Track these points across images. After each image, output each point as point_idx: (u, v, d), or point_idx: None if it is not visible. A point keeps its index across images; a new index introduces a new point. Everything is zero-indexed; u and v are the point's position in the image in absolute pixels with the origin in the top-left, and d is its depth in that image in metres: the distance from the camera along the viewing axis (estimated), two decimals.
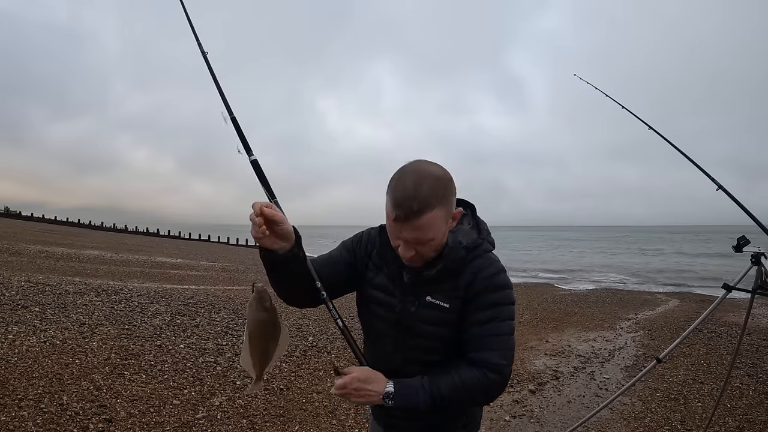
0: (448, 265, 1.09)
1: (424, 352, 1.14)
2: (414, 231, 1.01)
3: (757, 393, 4.03)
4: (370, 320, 1.22)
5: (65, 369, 3.41)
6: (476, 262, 1.11)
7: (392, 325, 1.16)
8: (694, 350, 5.48)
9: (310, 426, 3.16)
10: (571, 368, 4.89)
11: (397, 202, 1.00)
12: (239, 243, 42.09)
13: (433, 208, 0.99)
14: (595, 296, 11.30)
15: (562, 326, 7.19)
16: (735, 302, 8.58)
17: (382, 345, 1.19)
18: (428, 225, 1.01)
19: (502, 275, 1.11)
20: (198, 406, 3.18)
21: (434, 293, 1.11)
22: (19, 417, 2.68)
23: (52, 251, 13.74)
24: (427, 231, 1.02)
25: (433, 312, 1.11)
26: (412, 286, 1.13)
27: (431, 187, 1.00)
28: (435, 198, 1.00)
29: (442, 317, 1.10)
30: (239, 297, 7.16)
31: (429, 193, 0.99)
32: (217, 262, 16.80)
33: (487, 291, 1.08)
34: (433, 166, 1.04)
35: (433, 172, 1.02)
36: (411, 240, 1.03)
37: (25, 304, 4.87)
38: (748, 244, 2.46)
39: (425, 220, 0.99)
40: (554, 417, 3.60)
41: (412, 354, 1.15)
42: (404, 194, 0.99)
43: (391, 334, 1.17)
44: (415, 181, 1.00)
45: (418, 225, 1.00)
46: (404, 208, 0.98)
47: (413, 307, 1.12)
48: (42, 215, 50.48)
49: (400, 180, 1.02)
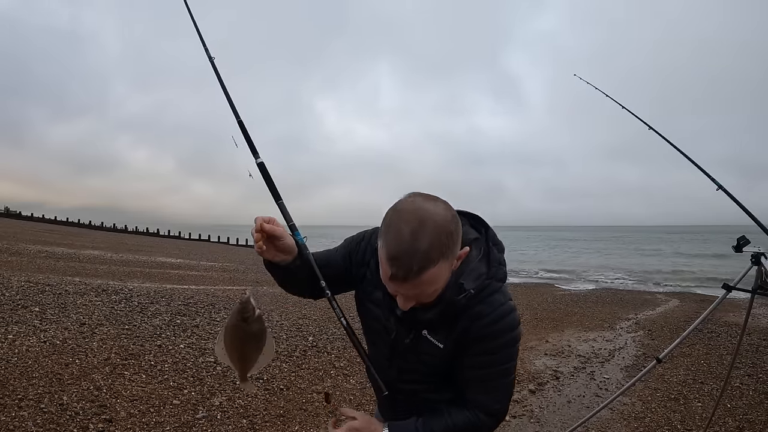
0: (447, 312, 1.00)
1: (419, 375, 1.13)
2: (414, 288, 0.91)
3: (757, 393, 4.03)
4: (367, 332, 1.22)
5: (65, 369, 3.41)
6: (477, 308, 1.00)
7: (387, 346, 1.14)
8: (694, 350, 5.48)
9: (310, 426, 3.16)
10: (571, 368, 4.89)
11: (393, 257, 0.87)
12: (239, 243, 42.09)
13: (436, 264, 0.87)
14: (595, 296, 11.30)
15: (562, 326, 7.19)
16: (735, 302, 8.57)
17: (379, 357, 1.19)
18: (431, 281, 0.90)
19: (505, 319, 1.01)
20: (198, 406, 3.18)
21: (431, 330, 1.04)
22: (19, 417, 2.68)
23: (52, 251, 13.74)
24: (429, 286, 0.91)
25: (427, 347, 1.06)
26: (407, 321, 1.06)
27: (432, 238, 0.86)
28: (437, 251, 0.87)
29: (436, 353, 1.06)
30: (239, 297, 7.16)
31: (430, 246, 0.86)
32: (217, 262, 16.80)
33: (484, 339, 1.01)
34: (433, 206, 0.90)
35: (434, 217, 0.88)
36: (410, 296, 0.95)
37: (25, 304, 4.87)
38: (748, 244, 2.46)
39: (427, 277, 0.88)
40: (554, 417, 3.60)
41: (406, 373, 1.14)
42: (400, 248, 0.86)
43: (386, 352, 1.15)
44: (413, 232, 0.86)
45: (418, 283, 0.89)
46: (402, 267, 0.87)
47: (407, 339, 1.08)
48: (42, 215, 50.49)
49: (396, 228, 0.88)
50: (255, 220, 1.04)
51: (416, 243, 0.86)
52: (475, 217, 1.10)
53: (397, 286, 0.92)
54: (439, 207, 0.91)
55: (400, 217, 0.89)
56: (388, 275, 0.90)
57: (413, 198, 0.92)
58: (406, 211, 0.89)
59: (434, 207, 0.90)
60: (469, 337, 1.01)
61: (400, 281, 0.89)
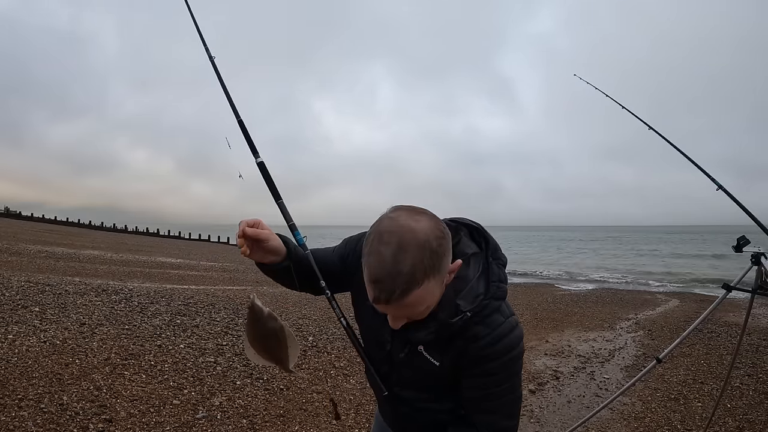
0: (441, 335, 0.96)
1: (416, 387, 1.10)
2: (401, 309, 0.88)
3: (757, 393, 4.03)
4: (364, 338, 1.19)
5: (65, 369, 3.41)
6: (474, 329, 0.95)
7: (383, 358, 1.12)
8: (694, 350, 5.48)
9: (310, 426, 3.16)
10: (571, 368, 4.89)
11: (375, 280, 0.84)
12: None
13: (420, 284, 0.83)
14: (595, 296, 11.30)
15: (562, 326, 7.19)
16: (735, 302, 8.58)
17: (378, 360, 1.17)
18: (416, 302, 0.86)
19: (504, 341, 0.96)
20: (198, 406, 3.18)
21: (426, 346, 1.01)
22: (19, 417, 2.68)
23: (52, 251, 13.74)
24: (416, 307, 0.88)
25: (422, 363, 1.02)
26: (402, 336, 1.03)
27: (415, 258, 0.82)
28: (421, 272, 0.82)
29: (432, 370, 1.02)
30: (239, 297, 7.16)
31: (413, 267, 0.82)
32: (217, 262, 16.80)
33: (481, 361, 0.96)
34: (415, 223, 0.85)
35: (416, 235, 0.83)
36: (399, 315, 0.92)
37: (25, 304, 4.87)
38: (748, 244, 2.46)
39: (412, 299, 0.84)
40: (554, 417, 3.60)
41: (404, 384, 1.12)
42: (382, 271, 0.82)
43: (383, 361, 1.13)
44: (394, 254, 0.82)
45: (404, 305, 0.85)
46: (385, 291, 0.83)
47: (402, 353, 1.05)
48: (42, 215, 50.49)
49: (376, 251, 0.84)
50: (239, 223, 1.03)
51: (398, 266, 0.81)
52: (475, 229, 1.05)
53: (382, 309, 0.89)
54: (422, 222, 0.85)
55: (380, 239, 0.84)
56: (372, 298, 0.87)
57: (395, 214, 0.88)
58: (386, 232, 0.85)
59: (416, 223, 0.85)
60: (466, 359, 0.97)
61: (384, 304, 0.86)
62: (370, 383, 1.25)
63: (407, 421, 1.15)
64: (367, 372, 1.23)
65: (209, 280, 10.58)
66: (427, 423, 1.13)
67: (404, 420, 1.16)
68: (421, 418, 1.13)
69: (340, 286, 1.19)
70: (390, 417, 1.25)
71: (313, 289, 1.18)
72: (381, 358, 1.13)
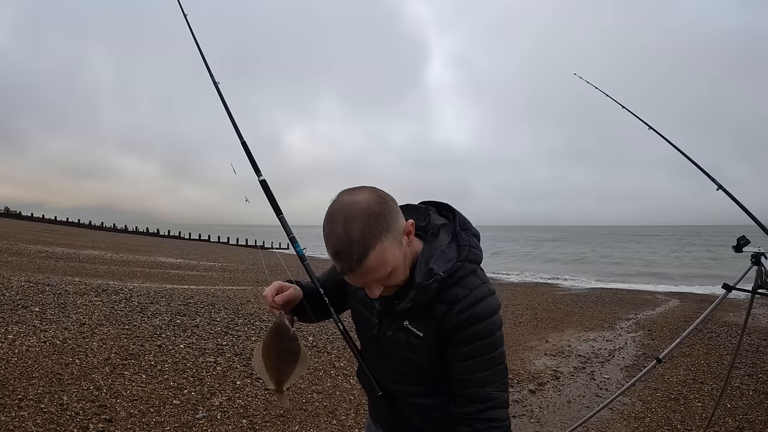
0: (420, 301, 0.99)
1: (403, 376, 1.11)
2: (366, 275, 0.93)
3: (757, 393, 4.03)
4: (358, 333, 1.22)
5: (65, 369, 3.41)
6: (452, 291, 0.98)
7: (373, 342, 1.14)
8: (694, 350, 5.48)
9: (310, 426, 3.16)
10: (571, 368, 4.89)
11: (334, 254, 0.91)
12: (239, 243, 42.09)
13: (374, 246, 0.89)
14: (595, 296, 11.31)
15: (562, 326, 7.19)
16: (735, 302, 8.58)
17: (371, 359, 1.19)
18: (378, 264, 0.91)
19: (483, 303, 0.99)
20: (198, 406, 3.18)
21: (411, 319, 1.03)
22: (19, 417, 2.68)
23: (52, 251, 13.74)
24: (380, 269, 0.92)
25: (407, 338, 1.04)
26: (388, 314, 1.07)
27: (362, 225, 0.89)
28: (371, 235, 0.89)
29: (416, 345, 1.03)
30: (239, 297, 7.16)
31: (361, 233, 0.89)
32: (217, 262, 16.80)
33: (465, 325, 0.97)
34: (355, 197, 0.93)
35: (358, 205, 0.91)
36: (370, 282, 0.96)
37: (25, 304, 4.87)
38: (748, 244, 2.46)
39: (371, 261, 0.90)
40: (554, 417, 3.60)
41: (393, 375, 1.13)
42: (337, 243, 0.90)
43: (373, 350, 1.16)
44: (343, 226, 0.89)
45: (366, 270, 0.91)
46: (344, 260, 0.90)
47: (389, 330, 1.07)
48: (42, 215, 50.49)
49: (329, 229, 0.92)
50: (264, 297, 1.08)
51: (349, 234, 0.89)
52: (442, 205, 1.12)
53: (350, 279, 0.95)
54: (362, 195, 0.93)
55: (330, 219, 0.92)
56: (339, 270, 0.94)
57: (338, 197, 0.95)
58: (334, 211, 0.93)
59: (356, 197, 0.93)
60: (449, 324, 0.98)
61: (348, 273, 0.92)
62: (363, 385, 1.26)
63: (403, 419, 1.15)
64: (360, 373, 1.24)
65: (209, 280, 10.58)
66: (421, 423, 1.13)
67: (400, 419, 1.15)
68: (413, 417, 1.13)
69: (345, 298, 1.23)
70: (384, 419, 1.23)
71: (320, 314, 1.21)
72: (372, 349, 1.15)
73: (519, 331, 6.65)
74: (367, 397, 1.30)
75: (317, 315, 1.18)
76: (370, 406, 1.31)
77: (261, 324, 5.33)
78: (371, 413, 1.31)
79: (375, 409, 1.27)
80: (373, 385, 1.16)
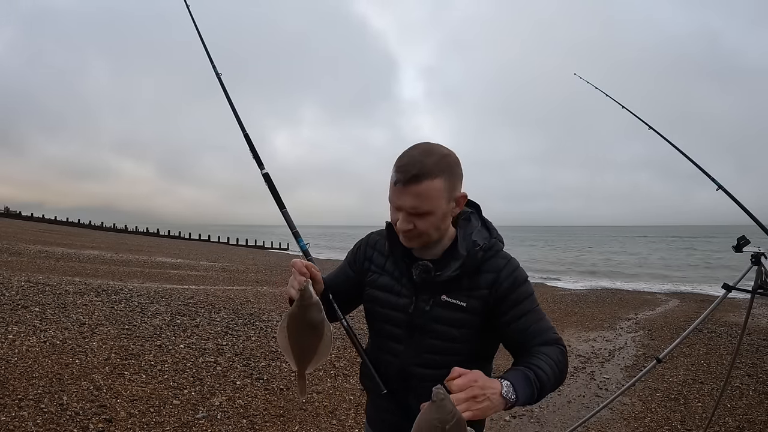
0: (467, 268, 1.07)
1: (437, 353, 1.10)
2: (413, 198, 1.00)
3: (757, 393, 4.03)
4: (376, 322, 1.20)
5: (65, 369, 3.41)
6: (494, 261, 1.09)
7: (403, 326, 1.13)
8: (694, 350, 5.48)
9: (310, 426, 3.16)
10: (571, 368, 4.89)
11: (400, 166, 1.01)
12: (239, 243, 42.10)
13: (434, 178, 0.99)
14: (595, 296, 11.31)
15: (562, 326, 7.19)
16: (735, 302, 8.58)
17: (391, 347, 1.16)
18: (427, 194, 0.99)
19: (520, 269, 1.12)
20: (198, 406, 3.18)
21: (449, 292, 1.08)
22: (19, 417, 2.68)
23: (52, 251, 13.74)
24: (425, 200, 1.00)
25: (449, 312, 1.08)
26: (424, 286, 1.10)
27: (436, 159, 1.00)
28: (437, 169, 0.99)
29: (459, 317, 1.08)
30: (239, 297, 7.16)
31: (434, 163, 0.99)
32: (217, 262, 16.80)
33: (515, 287, 1.08)
34: (442, 147, 1.05)
35: (442, 150, 1.03)
36: (409, 209, 1.01)
37: (25, 304, 4.87)
38: (748, 244, 2.46)
39: (425, 187, 0.98)
40: (554, 417, 3.60)
41: (422, 357, 1.11)
42: (408, 161, 1.00)
43: (400, 336, 1.14)
44: (420, 152, 1.01)
45: (417, 191, 0.99)
46: (405, 172, 0.99)
47: (427, 306, 1.09)
48: (42, 215, 50.48)
49: (407, 151, 1.04)
50: (292, 264, 1.06)
51: (422, 157, 1.00)
52: (469, 201, 1.18)
53: (398, 195, 1.02)
54: (447, 148, 1.05)
55: (411, 147, 1.04)
56: (392, 183, 1.02)
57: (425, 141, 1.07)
58: (417, 143, 1.05)
59: (443, 147, 1.05)
60: (502, 288, 1.07)
61: (402, 185, 1.00)
62: (366, 387, 1.23)
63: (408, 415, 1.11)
64: (363, 376, 1.22)
65: (209, 280, 10.58)
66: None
67: (406, 416, 1.12)
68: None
69: (355, 297, 1.24)
70: (386, 421, 1.20)
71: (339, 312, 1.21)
72: (400, 333, 1.14)
73: None
74: (368, 401, 1.28)
75: (328, 313, 1.15)
76: (370, 411, 1.28)
77: (261, 324, 5.33)
78: (370, 420, 1.28)
79: (376, 411, 1.24)
80: (378, 382, 1.15)
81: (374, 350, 1.22)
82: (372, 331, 1.23)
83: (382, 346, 1.19)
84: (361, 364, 1.22)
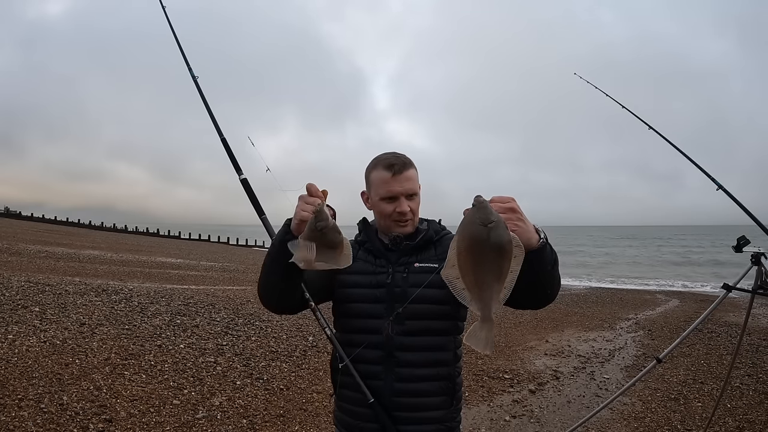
0: (429, 235, 1.27)
1: (420, 317, 1.19)
2: (407, 182, 1.22)
3: (757, 393, 4.03)
4: (350, 306, 1.24)
5: (65, 369, 3.41)
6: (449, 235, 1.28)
7: (383, 300, 1.20)
8: (694, 350, 5.48)
9: (310, 426, 3.16)
10: (571, 368, 4.89)
11: (389, 162, 1.23)
12: (239, 243, 42.10)
13: (413, 167, 1.25)
14: (595, 296, 11.31)
15: (562, 326, 7.18)
16: (735, 302, 8.58)
17: (369, 325, 1.20)
18: (414, 177, 1.24)
19: None
20: (198, 406, 3.18)
21: (422, 260, 1.24)
22: (19, 417, 2.68)
23: (52, 251, 13.74)
24: (414, 183, 1.24)
25: (425, 276, 1.20)
26: (399, 255, 1.25)
27: (405, 157, 1.26)
28: (411, 161, 1.26)
29: (435, 279, 1.14)
30: (239, 297, 7.16)
31: (406, 158, 1.26)
32: (217, 262, 16.79)
33: None
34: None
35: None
36: (406, 192, 1.22)
37: (25, 304, 4.87)
38: (748, 244, 2.46)
39: (412, 173, 1.24)
40: (554, 417, 3.60)
41: (405, 324, 1.18)
42: (392, 157, 1.24)
43: (378, 311, 1.20)
44: (393, 153, 1.27)
45: (409, 176, 1.23)
46: (397, 163, 1.22)
47: (405, 273, 1.23)
48: (42, 215, 50.44)
49: (381, 155, 1.27)
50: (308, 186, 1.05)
51: (398, 154, 1.26)
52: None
53: (395, 183, 1.21)
54: None
55: (381, 153, 1.28)
56: (389, 175, 1.21)
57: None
58: (383, 152, 1.29)
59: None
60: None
61: (398, 173, 1.21)
62: (347, 399, 1.22)
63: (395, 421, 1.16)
64: (343, 387, 1.23)
65: (209, 280, 10.58)
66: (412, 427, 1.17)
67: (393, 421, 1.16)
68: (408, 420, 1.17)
69: (328, 288, 1.27)
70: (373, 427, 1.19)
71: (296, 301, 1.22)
72: (382, 309, 1.20)
73: (519, 331, 6.65)
74: (348, 419, 1.24)
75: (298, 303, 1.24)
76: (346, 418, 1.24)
77: (261, 324, 5.33)
78: (346, 426, 1.24)
79: (355, 418, 1.22)
80: (364, 391, 1.16)
81: (348, 335, 1.25)
82: (344, 318, 1.26)
83: (359, 329, 1.22)
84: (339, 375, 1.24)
